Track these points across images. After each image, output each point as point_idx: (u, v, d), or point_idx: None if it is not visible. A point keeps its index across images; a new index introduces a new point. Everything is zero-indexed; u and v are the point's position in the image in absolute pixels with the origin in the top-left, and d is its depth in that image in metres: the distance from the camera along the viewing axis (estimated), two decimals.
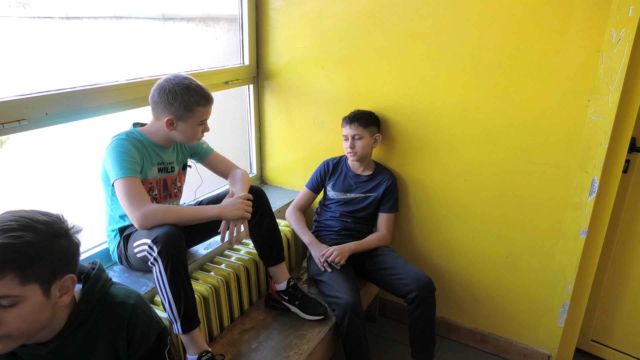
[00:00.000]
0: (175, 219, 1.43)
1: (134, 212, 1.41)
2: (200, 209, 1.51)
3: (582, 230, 1.76)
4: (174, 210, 1.46)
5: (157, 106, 1.53)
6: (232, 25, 2.41)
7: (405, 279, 1.82)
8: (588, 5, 1.54)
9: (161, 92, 1.50)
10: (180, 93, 1.48)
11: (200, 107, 1.52)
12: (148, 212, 1.40)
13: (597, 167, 1.67)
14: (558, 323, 1.94)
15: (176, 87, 1.49)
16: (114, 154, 1.45)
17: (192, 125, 1.54)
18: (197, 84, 1.53)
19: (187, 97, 1.49)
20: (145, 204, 1.42)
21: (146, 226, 1.41)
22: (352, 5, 1.95)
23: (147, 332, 1.06)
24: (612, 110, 1.59)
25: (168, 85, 1.50)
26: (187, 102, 1.49)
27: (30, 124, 1.41)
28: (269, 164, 2.46)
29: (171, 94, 1.49)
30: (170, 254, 1.37)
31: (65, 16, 2.20)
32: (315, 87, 2.17)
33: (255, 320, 1.79)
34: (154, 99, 1.52)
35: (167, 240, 1.37)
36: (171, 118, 1.51)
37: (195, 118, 1.53)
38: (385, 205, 2.03)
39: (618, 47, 1.52)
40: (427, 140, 1.98)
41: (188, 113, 1.51)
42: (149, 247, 1.39)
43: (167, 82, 1.51)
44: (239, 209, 1.52)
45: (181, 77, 1.52)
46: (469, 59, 1.79)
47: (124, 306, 1.03)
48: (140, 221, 1.40)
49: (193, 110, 1.51)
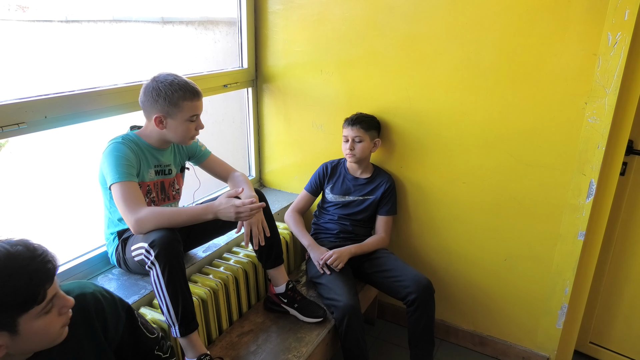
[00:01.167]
0: (170, 222, 1.43)
1: (129, 217, 1.41)
2: (195, 211, 1.48)
3: (580, 232, 1.77)
4: (168, 212, 1.45)
5: (145, 106, 1.53)
6: (231, 29, 2.42)
7: (404, 281, 1.82)
8: (584, 9, 1.55)
9: (146, 91, 1.50)
10: (163, 89, 1.47)
11: (186, 101, 1.50)
12: (143, 217, 1.40)
13: (595, 169, 1.67)
14: (556, 325, 1.94)
15: (159, 84, 1.48)
16: (110, 157, 1.46)
17: (181, 121, 1.52)
18: (181, 79, 1.51)
19: (171, 92, 1.47)
20: (140, 208, 1.42)
21: (142, 230, 1.41)
22: (350, 9, 1.96)
23: (116, 312, 1.08)
24: (609, 113, 1.59)
25: (152, 84, 1.49)
26: (170, 97, 1.47)
27: (30, 127, 1.41)
28: (267, 167, 2.47)
29: (155, 91, 1.48)
30: (167, 258, 1.37)
31: (65, 20, 2.20)
32: (313, 90, 2.17)
33: (254, 323, 1.79)
34: (141, 99, 1.53)
35: (163, 244, 1.37)
36: (159, 115, 1.50)
37: (183, 113, 1.51)
38: (383, 208, 2.03)
39: (614, 51, 1.53)
40: (425, 143, 1.98)
41: (174, 109, 1.49)
42: (146, 250, 1.39)
43: (152, 80, 1.50)
44: (232, 213, 1.47)
45: (165, 74, 1.51)
46: (466, 62, 1.79)
47: (84, 297, 1.03)
48: (136, 226, 1.41)
49: (179, 105, 1.49)
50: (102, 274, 1.67)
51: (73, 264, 1.63)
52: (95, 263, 1.68)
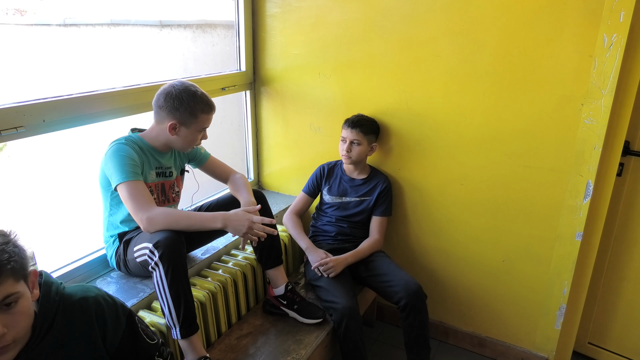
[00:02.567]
0: (180, 224, 1.44)
1: (140, 214, 1.41)
2: (206, 217, 1.49)
3: (577, 233, 1.78)
4: (178, 214, 1.47)
5: (161, 110, 1.54)
6: (229, 32, 2.42)
7: (395, 286, 1.82)
8: (580, 11, 1.56)
9: (167, 97, 1.52)
10: (187, 99, 1.51)
11: (204, 114, 1.55)
12: (156, 215, 1.42)
13: (592, 170, 1.68)
14: (555, 326, 1.94)
15: (183, 93, 1.52)
16: (115, 158, 1.46)
17: (193, 131, 1.56)
18: (202, 92, 1.56)
19: (194, 103, 1.52)
20: (152, 206, 1.44)
21: (152, 229, 1.42)
22: (348, 12, 1.97)
23: (116, 318, 1.08)
24: (605, 114, 1.60)
25: (175, 91, 1.52)
26: (192, 108, 1.52)
27: (28, 131, 1.41)
28: (266, 170, 2.47)
29: (177, 100, 1.51)
30: (171, 259, 1.38)
31: (63, 23, 2.20)
32: (311, 93, 2.18)
33: (253, 325, 1.79)
34: (159, 102, 1.54)
35: (168, 245, 1.37)
36: (174, 123, 1.53)
37: (197, 125, 1.56)
38: (379, 209, 2.03)
39: (610, 52, 1.54)
40: (423, 144, 1.99)
41: (192, 119, 1.53)
42: (150, 251, 1.39)
43: (174, 87, 1.53)
44: (244, 227, 1.48)
45: (188, 84, 1.55)
46: (463, 64, 1.80)
47: (86, 301, 1.03)
48: (147, 224, 1.41)
49: (197, 117, 1.54)
50: (101, 277, 1.68)
51: (72, 267, 1.63)
52: (95, 266, 1.68)
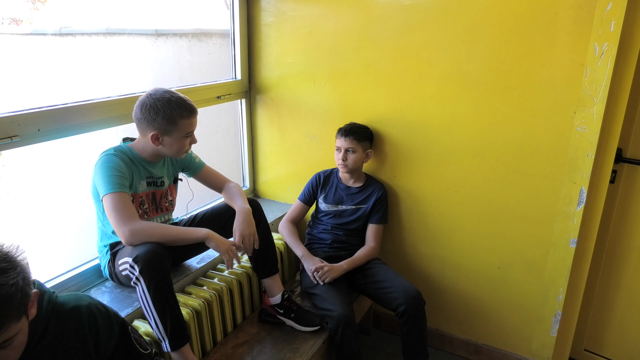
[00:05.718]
0: (162, 237, 1.43)
1: (121, 228, 1.40)
2: (188, 230, 1.50)
3: (571, 239, 1.78)
4: (162, 228, 1.46)
5: (140, 123, 1.52)
6: (225, 41, 2.43)
7: (394, 293, 1.82)
8: (571, 21, 1.59)
9: (143, 108, 1.49)
10: (162, 107, 1.47)
11: (183, 119, 1.51)
12: (136, 229, 1.40)
13: (585, 177, 1.69)
14: (551, 333, 1.95)
15: (157, 102, 1.48)
16: (102, 169, 1.46)
17: (177, 138, 1.53)
18: (178, 97, 1.52)
19: (169, 110, 1.48)
20: (133, 219, 1.42)
21: (133, 242, 1.40)
22: (343, 21, 1.99)
23: (109, 327, 1.07)
24: (597, 122, 1.62)
25: (149, 101, 1.49)
26: (169, 115, 1.48)
27: (22, 141, 1.41)
28: (261, 178, 2.48)
29: (153, 109, 1.48)
30: (152, 273, 1.36)
31: (59, 32, 2.21)
32: (306, 101, 2.19)
33: (249, 334, 1.78)
34: (136, 115, 1.52)
35: (148, 259, 1.35)
36: (156, 133, 1.50)
37: (180, 131, 1.52)
38: (374, 216, 2.04)
39: (601, 61, 1.56)
40: (417, 152, 2.00)
41: (172, 127, 1.50)
42: (130, 265, 1.38)
43: (148, 97, 1.50)
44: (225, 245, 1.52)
45: (162, 91, 1.51)
46: (457, 72, 1.82)
47: (78, 310, 1.03)
48: (128, 237, 1.40)
49: (177, 123, 1.50)
50: (95, 286, 1.67)
51: (66, 277, 1.62)
52: (89, 276, 1.68)
